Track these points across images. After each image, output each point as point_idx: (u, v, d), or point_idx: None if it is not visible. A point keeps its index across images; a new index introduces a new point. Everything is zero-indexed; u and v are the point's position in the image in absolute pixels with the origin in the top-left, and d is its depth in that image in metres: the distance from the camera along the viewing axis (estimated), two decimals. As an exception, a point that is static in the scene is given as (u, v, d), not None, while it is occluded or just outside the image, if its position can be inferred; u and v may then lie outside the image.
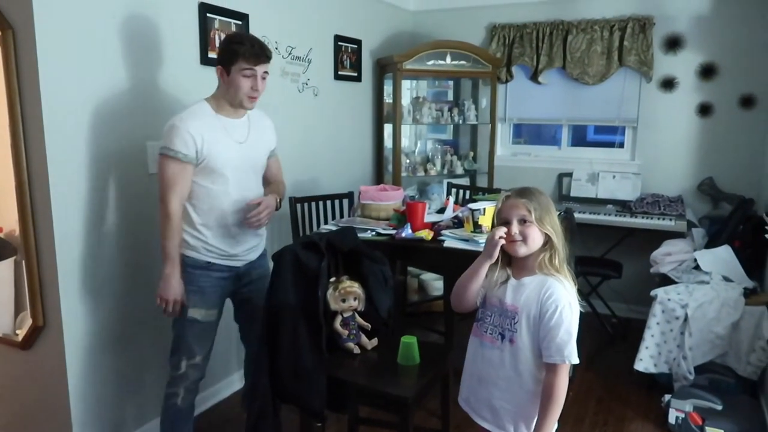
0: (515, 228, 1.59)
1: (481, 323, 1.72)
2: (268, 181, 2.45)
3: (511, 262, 1.69)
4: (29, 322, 2.29)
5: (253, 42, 2.12)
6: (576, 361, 1.57)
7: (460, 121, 4.38)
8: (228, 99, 2.17)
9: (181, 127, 2.07)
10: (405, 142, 4.43)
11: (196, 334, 2.23)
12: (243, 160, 2.24)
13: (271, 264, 2.23)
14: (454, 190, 4.02)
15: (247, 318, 2.46)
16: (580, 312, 1.63)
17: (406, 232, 2.71)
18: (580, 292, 1.68)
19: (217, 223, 2.21)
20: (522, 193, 1.62)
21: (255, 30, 3.03)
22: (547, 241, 1.61)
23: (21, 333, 2.34)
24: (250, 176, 2.30)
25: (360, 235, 2.64)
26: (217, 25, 2.79)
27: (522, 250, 1.61)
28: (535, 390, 1.62)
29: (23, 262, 2.25)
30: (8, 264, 2.39)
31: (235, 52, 2.08)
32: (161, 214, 2.11)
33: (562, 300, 1.56)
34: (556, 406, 1.58)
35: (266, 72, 2.17)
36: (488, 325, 1.68)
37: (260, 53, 2.11)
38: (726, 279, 3.14)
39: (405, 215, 2.83)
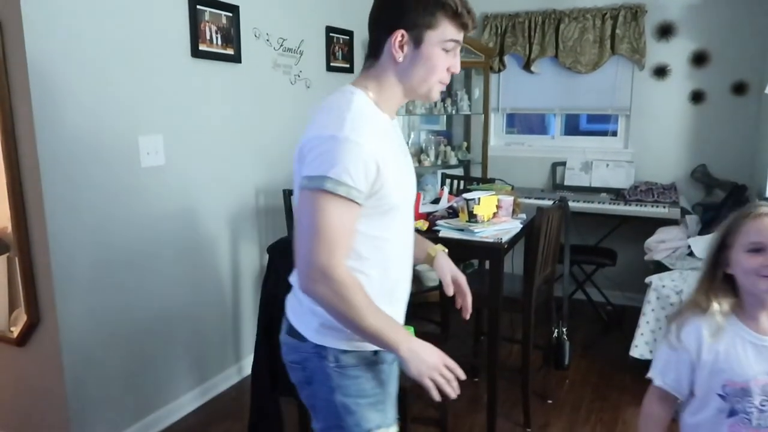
0: None
1: (745, 419, 1.22)
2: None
3: (733, 306, 1.25)
4: (24, 318, 2.28)
5: None
6: None
7: (453, 112, 4.37)
8: (406, 86, 1.29)
9: (362, 143, 1.18)
10: (398, 134, 4.42)
11: None
12: (412, 181, 1.42)
13: None
14: (448, 181, 4.02)
15: None
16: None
17: (401, 223, 2.70)
18: (576, 281, 1.51)
19: (381, 285, 1.34)
20: None
21: (246, 22, 3.00)
22: None
23: (16, 330, 2.33)
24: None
25: (355, 226, 2.64)
26: (207, 17, 2.77)
27: None
28: None
29: (16, 258, 2.24)
30: (1, 261, 2.37)
31: (440, 4, 1.20)
32: (325, 289, 1.19)
33: None
34: None
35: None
36: (765, 415, 1.21)
37: (471, 11, 1.26)
38: (719, 265, 3.16)
39: (400, 206, 2.83)
